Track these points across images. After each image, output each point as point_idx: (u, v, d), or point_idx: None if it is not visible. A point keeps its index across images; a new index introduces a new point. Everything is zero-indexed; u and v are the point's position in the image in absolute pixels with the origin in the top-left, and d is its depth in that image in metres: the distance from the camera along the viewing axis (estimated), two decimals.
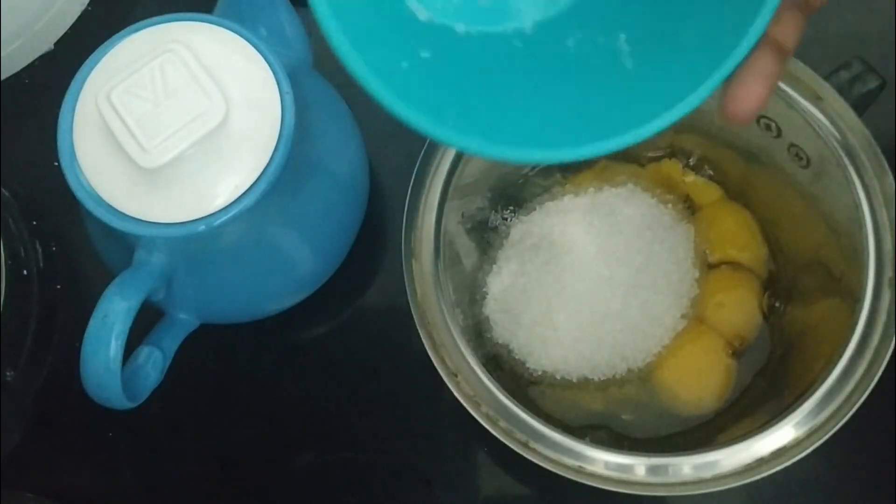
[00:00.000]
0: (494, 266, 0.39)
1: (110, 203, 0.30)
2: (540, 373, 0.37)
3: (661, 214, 0.39)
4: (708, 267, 0.39)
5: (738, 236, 0.39)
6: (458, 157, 0.34)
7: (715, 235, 0.39)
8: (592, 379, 0.37)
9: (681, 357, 0.37)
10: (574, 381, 0.37)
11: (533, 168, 0.41)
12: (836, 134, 0.33)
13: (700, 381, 0.37)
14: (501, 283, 0.38)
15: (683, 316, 0.37)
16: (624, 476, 0.30)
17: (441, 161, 0.35)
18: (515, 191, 0.41)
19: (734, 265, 0.39)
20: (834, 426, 0.30)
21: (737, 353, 0.38)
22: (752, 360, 0.38)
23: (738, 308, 0.38)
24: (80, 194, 0.30)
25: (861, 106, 0.34)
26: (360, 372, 0.42)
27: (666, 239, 0.38)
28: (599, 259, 0.37)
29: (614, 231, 0.38)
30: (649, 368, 0.37)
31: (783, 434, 0.30)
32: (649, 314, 0.37)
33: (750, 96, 0.21)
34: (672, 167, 0.40)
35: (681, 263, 0.38)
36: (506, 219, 0.40)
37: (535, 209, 0.40)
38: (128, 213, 0.30)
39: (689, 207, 0.40)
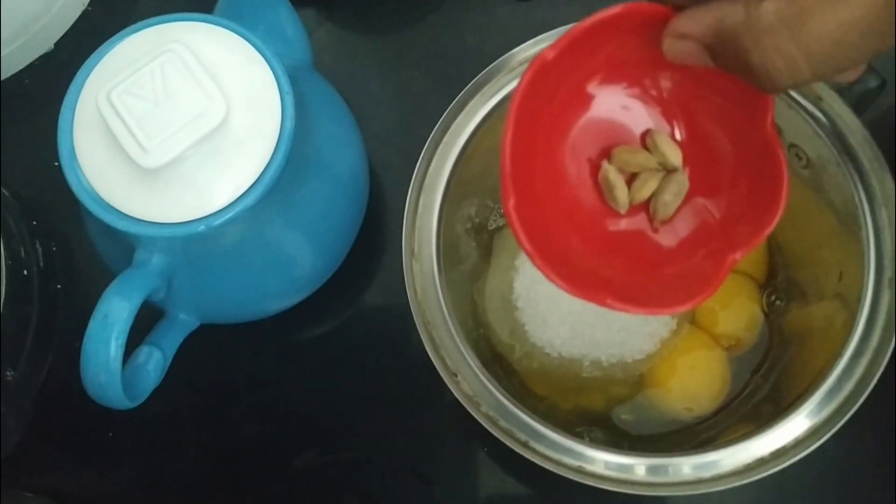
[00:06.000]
0: (494, 266, 0.39)
1: (110, 203, 0.30)
2: (537, 371, 0.37)
3: None
4: None
5: None
6: (459, 158, 0.34)
7: None
8: (589, 378, 0.37)
9: (676, 357, 0.37)
10: (572, 380, 0.37)
11: None
12: (836, 134, 0.33)
13: (696, 381, 0.37)
14: (500, 282, 0.38)
15: (679, 317, 0.37)
16: (624, 476, 0.30)
17: (441, 161, 0.35)
18: None
19: None
20: (834, 426, 0.30)
21: (735, 354, 0.38)
22: (752, 360, 0.38)
23: (733, 312, 0.38)
24: (80, 194, 0.30)
25: (861, 106, 0.34)
26: (360, 372, 0.42)
27: None
28: None
29: None
30: (646, 368, 0.37)
31: (783, 434, 0.30)
32: None
33: None
34: None
35: None
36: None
37: None
38: (128, 213, 0.30)
39: None
